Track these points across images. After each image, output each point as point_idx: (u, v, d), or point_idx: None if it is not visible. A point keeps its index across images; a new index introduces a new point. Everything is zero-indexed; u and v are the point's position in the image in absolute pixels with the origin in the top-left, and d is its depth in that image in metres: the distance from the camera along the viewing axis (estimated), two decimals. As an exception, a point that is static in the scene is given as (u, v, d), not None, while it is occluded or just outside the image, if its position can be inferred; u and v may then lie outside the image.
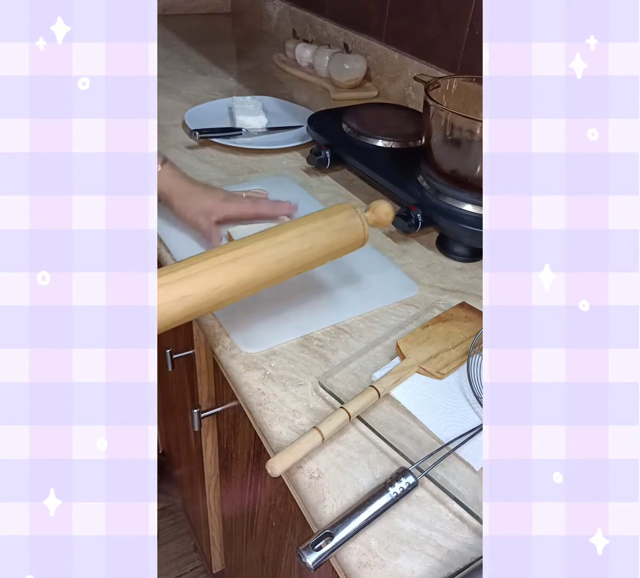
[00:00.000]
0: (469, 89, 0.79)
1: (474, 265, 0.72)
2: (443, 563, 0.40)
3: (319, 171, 0.90)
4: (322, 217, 0.53)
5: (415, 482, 0.43)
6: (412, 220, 0.71)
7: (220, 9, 1.83)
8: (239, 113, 1.01)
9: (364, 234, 0.54)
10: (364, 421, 0.49)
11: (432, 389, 0.53)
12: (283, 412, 0.50)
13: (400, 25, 1.16)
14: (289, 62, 1.36)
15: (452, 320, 0.59)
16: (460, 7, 1.00)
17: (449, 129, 0.71)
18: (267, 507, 0.68)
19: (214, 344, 0.58)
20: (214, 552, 1.15)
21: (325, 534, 0.40)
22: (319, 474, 0.45)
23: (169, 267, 0.46)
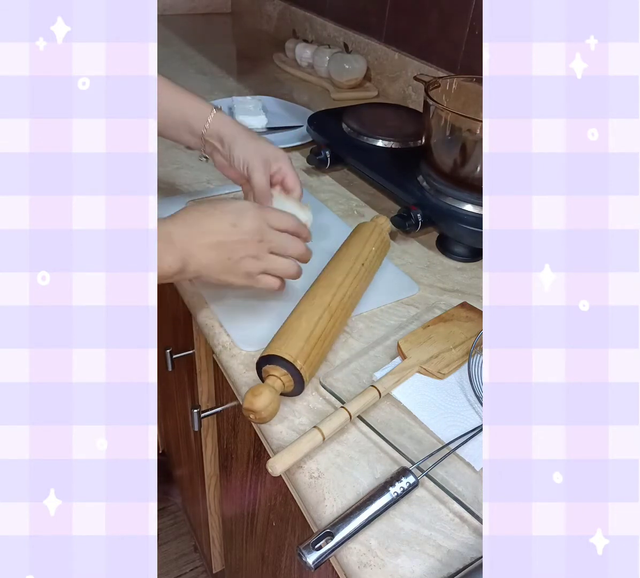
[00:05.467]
0: (469, 89, 0.79)
1: (474, 265, 0.72)
2: (443, 563, 0.40)
3: (319, 171, 0.90)
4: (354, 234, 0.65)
5: (415, 481, 0.43)
6: (412, 220, 0.71)
7: (220, 9, 1.83)
8: (239, 113, 1.01)
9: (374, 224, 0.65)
10: (364, 421, 0.49)
11: (433, 389, 0.53)
12: (283, 412, 0.50)
13: (400, 25, 1.16)
14: (289, 62, 1.36)
15: (453, 320, 0.59)
16: (460, 7, 1.00)
17: (449, 129, 0.71)
18: (267, 507, 0.68)
19: (214, 344, 0.58)
20: (214, 552, 1.15)
21: (326, 534, 0.40)
22: (319, 474, 0.45)
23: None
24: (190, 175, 0.87)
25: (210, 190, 0.82)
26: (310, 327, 0.51)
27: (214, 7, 1.82)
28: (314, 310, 0.53)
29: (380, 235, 0.64)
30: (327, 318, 0.53)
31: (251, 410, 0.46)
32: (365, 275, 0.60)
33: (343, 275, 0.57)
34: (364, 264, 0.60)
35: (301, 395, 0.52)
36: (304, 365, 0.49)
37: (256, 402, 0.46)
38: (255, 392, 0.46)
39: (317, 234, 0.73)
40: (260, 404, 0.46)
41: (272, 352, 0.49)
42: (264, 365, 0.49)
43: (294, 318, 0.53)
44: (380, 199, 0.84)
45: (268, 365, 0.49)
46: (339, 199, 0.84)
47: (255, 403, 0.46)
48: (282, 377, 0.48)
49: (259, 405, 0.46)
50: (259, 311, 0.60)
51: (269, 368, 0.49)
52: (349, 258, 0.60)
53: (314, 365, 0.51)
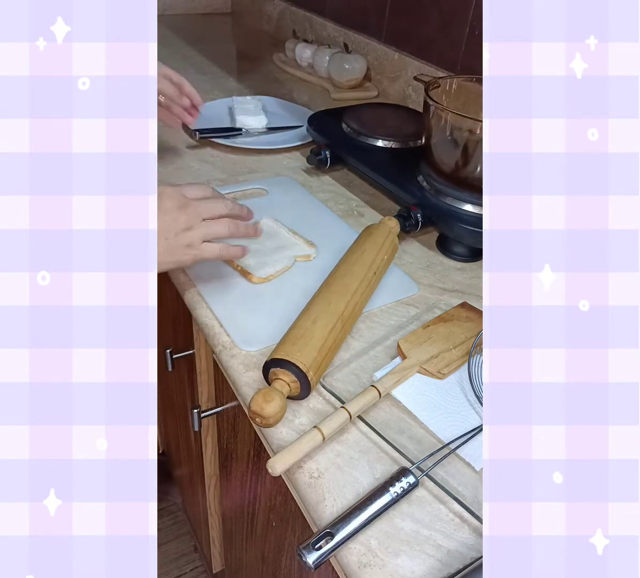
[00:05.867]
0: (469, 89, 0.79)
1: (474, 265, 0.72)
2: (443, 563, 0.40)
3: (319, 171, 0.90)
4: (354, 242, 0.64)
5: (415, 481, 0.43)
6: (412, 220, 0.71)
7: (220, 9, 1.83)
8: (239, 113, 1.01)
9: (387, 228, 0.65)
10: (364, 421, 0.49)
11: (433, 389, 0.53)
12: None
13: (400, 25, 1.16)
14: (289, 62, 1.36)
15: (453, 320, 0.59)
16: (460, 7, 1.00)
17: (449, 129, 0.71)
18: (267, 507, 0.68)
19: (214, 344, 0.58)
20: (214, 552, 1.15)
21: (326, 533, 0.40)
22: (319, 474, 0.45)
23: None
24: (190, 175, 0.87)
25: (210, 190, 0.82)
26: (324, 336, 0.51)
27: (214, 7, 1.82)
28: (328, 317, 0.53)
29: (392, 243, 0.65)
30: (339, 327, 0.53)
31: (260, 415, 0.46)
32: (374, 283, 0.61)
33: (357, 283, 0.57)
34: (376, 272, 0.60)
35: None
36: (314, 376, 0.49)
37: (267, 408, 0.45)
38: (268, 398, 0.46)
39: (317, 233, 0.73)
40: (271, 411, 0.45)
41: (287, 357, 0.48)
42: (274, 366, 0.49)
43: (308, 322, 0.52)
44: (380, 199, 0.84)
45: (279, 369, 0.49)
46: (339, 199, 0.84)
47: (266, 408, 0.45)
48: (291, 384, 0.49)
49: (270, 411, 0.45)
50: (259, 311, 0.60)
51: (280, 372, 0.49)
52: (363, 264, 0.60)
53: (319, 373, 0.51)
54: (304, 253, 0.69)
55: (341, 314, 0.54)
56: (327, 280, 0.59)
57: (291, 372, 0.48)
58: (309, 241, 0.71)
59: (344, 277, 0.58)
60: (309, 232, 0.73)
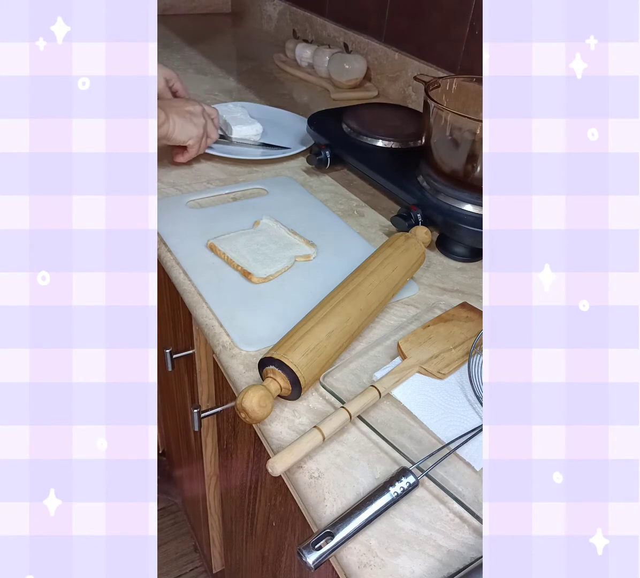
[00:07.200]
0: (469, 89, 0.79)
1: (474, 265, 0.72)
2: (443, 563, 0.40)
3: (319, 171, 0.90)
4: (387, 246, 0.63)
5: (415, 481, 0.43)
6: (412, 220, 0.71)
7: (220, 9, 1.83)
8: (233, 123, 0.96)
9: (422, 248, 0.64)
10: (364, 421, 0.49)
11: (433, 389, 0.53)
12: (283, 412, 0.50)
13: (400, 25, 1.16)
14: (289, 62, 1.36)
15: (453, 320, 0.59)
16: (460, 7, 1.00)
17: (449, 129, 0.71)
18: (267, 507, 0.68)
19: (214, 344, 0.58)
20: (214, 552, 1.15)
21: (326, 533, 0.40)
22: (319, 474, 0.45)
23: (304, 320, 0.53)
24: (190, 175, 0.87)
25: (210, 190, 0.82)
26: (332, 353, 0.52)
27: (214, 7, 1.82)
28: (342, 335, 0.53)
29: (420, 264, 0.64)
30: (347, 344, 0.55)
31: (241, 408, 0.46)
32: (387, 302, 0.61)
33: (377, 304, 0.57)
34: (394, 293, 0.61)
35: (301, 395, 0.52)
36: (306, 387, 0.50)
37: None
38: (254, 395, 0.46)
39: (317, 233, 0.73)
40: (247, 403, 0.46)
41: (294, 368, 0.48)
42: (273, 364, 0.49)
43: (323, 334, 0.52)
44: (380, 199, 0.85)
45: (277, 369, 0.49)
46: (339, 199, 0.84)
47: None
48: (283, 387, 0.49)
49: (247, 404, 0.46)
50: (259, 311, 0.60)
51: (277, 373, 0.49)
52: (389, 284, 0.59)
53: (313, 383, 0.51)
54: (304, 253, 0.69)
55: (354, 332, 0.55)
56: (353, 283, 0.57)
57: (288, 379, 0.49)
58: (309, 241, 0.71)
59: (368, 292, 0.57)
60: (309, 232, 0.73)
